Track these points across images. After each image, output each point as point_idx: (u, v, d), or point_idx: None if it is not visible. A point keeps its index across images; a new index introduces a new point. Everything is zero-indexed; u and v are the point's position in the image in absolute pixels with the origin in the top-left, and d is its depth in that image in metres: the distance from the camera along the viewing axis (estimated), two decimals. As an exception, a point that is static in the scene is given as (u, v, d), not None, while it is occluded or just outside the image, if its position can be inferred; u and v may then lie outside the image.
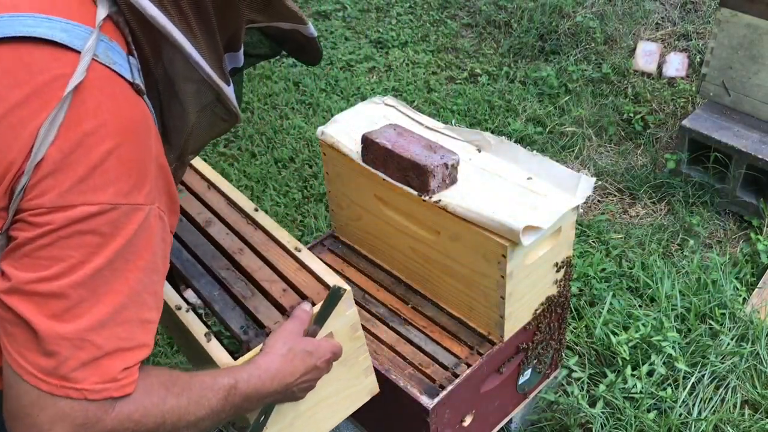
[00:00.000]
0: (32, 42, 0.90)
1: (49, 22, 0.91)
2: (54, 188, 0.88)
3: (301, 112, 3.59)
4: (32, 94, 0.89)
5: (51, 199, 0.88)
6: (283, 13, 1.12)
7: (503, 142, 1.81)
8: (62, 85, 0.88)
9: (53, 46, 0.90)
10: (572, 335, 2.34)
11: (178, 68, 1.03)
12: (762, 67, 2.77)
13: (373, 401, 1.80)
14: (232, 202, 1.59)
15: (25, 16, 0.91)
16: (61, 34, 0.91)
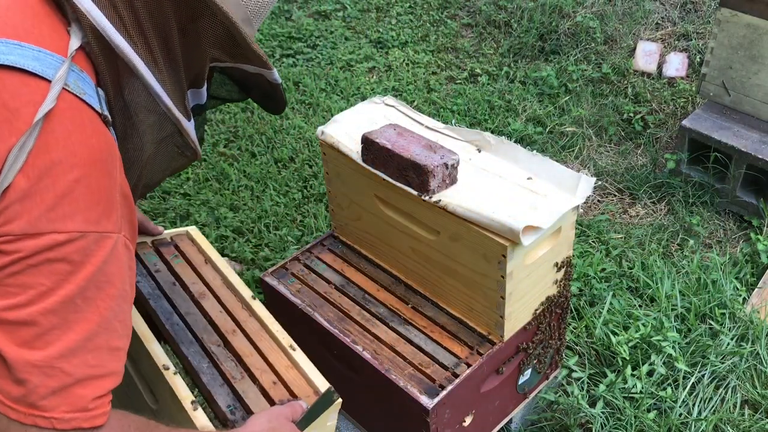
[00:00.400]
0: (3, 69, 0.90)
1: (21, 49, 0.91)
2: (22, 215, 0.88)
3: (301, 112, 3.59)
4: (2, 120, 0.88)
5: (20, 226, 0.87)
6: (248, 55, 1.12)
7: (503, 142, 1.81)
8: (32, 112, 0.88)
9: (24, 73, 0.90)
10: (572, 335, 2.34)
11: (140, 99, 1.04)
12: (762, 67, 2.77)
13: (373, 401, 1.80)
14: (229, 283, 1.59)
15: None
16: (33, 62, 0.91)
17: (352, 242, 2.06)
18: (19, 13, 0.95)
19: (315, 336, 1.87)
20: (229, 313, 1.52)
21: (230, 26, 1.04)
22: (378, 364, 1.70)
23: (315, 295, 1.91)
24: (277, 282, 1.94)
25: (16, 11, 0.95)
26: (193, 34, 1.06)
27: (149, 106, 1.05)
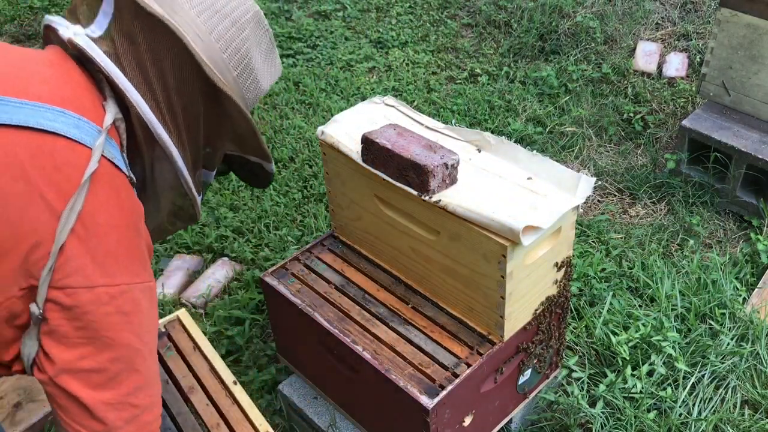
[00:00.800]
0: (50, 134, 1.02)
1: (64, 116, 1.04)
2: (78, 271, 1.02)
3: (301, 112, 3.59)
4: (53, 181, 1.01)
5: (77, 280, 1.01)
6: (257, 150, 1.33)
7: (503, 142, 1.81)
8: (78, 175, 1.02)
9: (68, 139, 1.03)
10: (572, 335, 2.34)
11: (167, 178, 1.20)
12: (762, 67, 2.77)
13: (373, 401, 1.80)
14: (215, 369, 1.74)
15: (45, 108, 1.02)
16: (74, 130, 1.04)
17: (352, 242, 2.06)
18: (63, 84, 1.08)
19: (315, 336, 1.87)
20: (215, 404, 1.69)
21: (248, 128, 1.25)
22: (378, 364, 1.70)
23: (315, 295, 1.91)
24: (277, 282, 1.94)
25: (59, 81, 1.07)
26: (215, 129, 1.23)
27: (174, 184, 1.22)
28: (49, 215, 1.00)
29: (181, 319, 1.89)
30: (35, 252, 1.00)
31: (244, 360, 2.40)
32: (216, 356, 1.76)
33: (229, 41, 1.23)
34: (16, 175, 0.99)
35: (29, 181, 0.99)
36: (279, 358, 2.21)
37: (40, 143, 1.01)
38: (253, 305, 2.55)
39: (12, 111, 1.00)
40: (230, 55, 1.24)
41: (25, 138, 1.00)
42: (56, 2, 4.65)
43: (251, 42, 1.28)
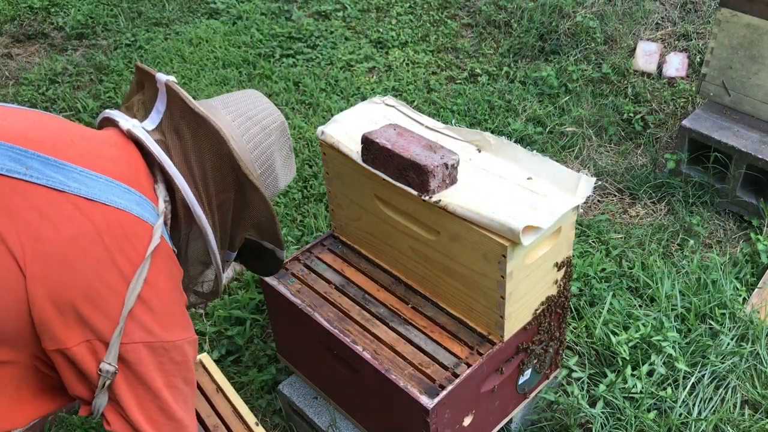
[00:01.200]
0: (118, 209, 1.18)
1: (129, 194, 1.20)
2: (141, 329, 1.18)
3: (301, 112, 3.59)
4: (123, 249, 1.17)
5: (141, 336, 1.18)
6: (273, 237, 1.49)
7: (503, 142, 1.81)
8: (143, 245, 1.19)
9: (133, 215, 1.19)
10: (572, 335, 2.34)
11: (199, 254, 1.39)
12: (762, 67, 2.77)
13: (373, 401, 1.80)
14: (237, 412, 1.80)
15: (115, 184, 1.19)
16: (137, 207, 1.21)
17: (352, 242, 2.06)
18: (126, 165, 1.24)
19: (315, 336, 1.87)
20: None
21: (269, 218, 1.42)
22: (378, 364, 1.70)
23: (315, 295, 1.91)
24: (277, 282, 1.94)
25: (123, 162, 1.24)
26: (241, 216, 1.40)
27: (204, 260, 1.40)
28: (120, 280, 1.16)
29: (203, 362, 1.96)
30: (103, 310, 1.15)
31: (244, 360, 2.40)
32: (238, 398, 1.83)
33: (258, 144, 1.45)
34: (96, 239, 1.14)
35: (105, 247, 1.15)
36: (279, 358, 2.21)
37: (113, 216, 1.17)
38: (253, 305, 2.55)
39: (90, 184, 1.16)
40: (257, 156, 1.46)
41: (100, 209, 1.16)
42: (56, 2, 4.66)
43: (275, 146, 1.49)
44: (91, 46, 4.30)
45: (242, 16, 4.44)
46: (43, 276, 1.10)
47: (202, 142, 1.31)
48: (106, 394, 1.20)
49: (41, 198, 1.11)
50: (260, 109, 1.48)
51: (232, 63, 3.96)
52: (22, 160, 1.12)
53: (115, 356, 1.16)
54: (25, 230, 1.09)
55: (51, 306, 1.11)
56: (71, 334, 1.14)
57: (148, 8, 4.57)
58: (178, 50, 4.08)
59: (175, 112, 1.31)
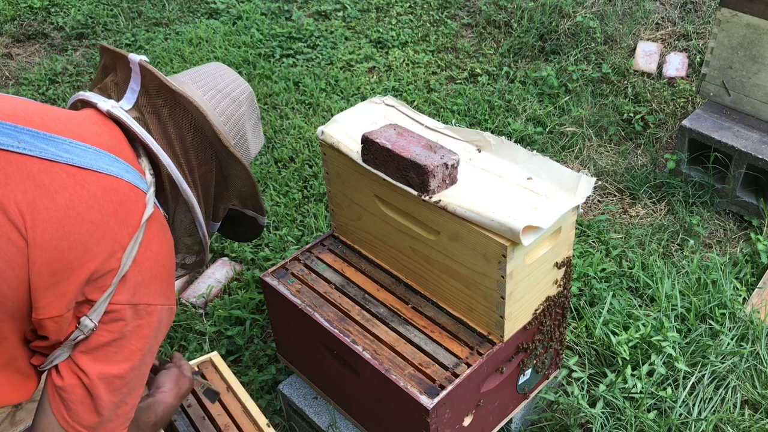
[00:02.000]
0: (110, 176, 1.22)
1: (118, 163, 1.25)
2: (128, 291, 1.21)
3: (301, 112, 3.59)
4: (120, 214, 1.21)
5: (126, 298, 1.21)
6: (256, 206, 1.55)
7: (503, 142, 1.81)
8: (139, 213, 1.24)
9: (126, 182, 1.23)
10: (572, 335, 2.34)
11: (186, 226, 1.42)
12: (762, 67, 2.77)
13: (373, 401, 1.80)
14: (248, 411, 1.81)
15: (104, 153, 1.23)
16: (128, 174, 1.25)
17: (352, 242, 2.06)
18: (110, 138, 1.28)
19: (315, 336, 1.87)
20: None
21: (251, 187, 1.47)
22: (378, 364, 1.70)
23: (315, 295, 1.91)
24: (277, 282, 1.94)
25: (107, 136, 1.28)
26: (223, 186, 1.45)
27: (191, 231, 1.44)
28: (116, 244, 1.19)
29: (213, 361, 1.97)
30: (97, 272, 1.17)
31: (244, 360, 2.40)
32: (249, 399, 1.83)
33: (230, 116, 1.50)
34: (92, 204, 1.17)
35: (101, 212, 1.18)
36: (279, 358, 2.21)
37: (107, 182, 1.21)
38: (253, 305, 2.55)
39: (81, 154, 1.20)
40: (230, 128, 1.50)
41: (94, 176, 1.19)
42: (56, 2, 4.66)
43: (245, 117, 1.54)
44: (91, 46, 4.30)
45: (242, 16, 4.44)
46: (43, 242, 1.12)
47: (180, 118, 1.35)
48: (70, 349, 1.21)
49: (35, 168, 1.14)
50: (228, 81, 1.52)
51: (232, 63, 3.96)
52: (13, 134, 1.15)
53: (99, 315, 1.19)
54: (22, 199, 1.11)
55: (47, 272, 1.13)
56: (63, 303, 1.16)
57: (148, 8, 4.57)
58: (178, 50, 4.08)
59: (151, 91, 1.35)
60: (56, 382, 1.21)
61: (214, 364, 1.96)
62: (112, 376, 1.22)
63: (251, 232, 1.66)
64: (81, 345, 1.21)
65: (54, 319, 1.16)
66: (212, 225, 1.53)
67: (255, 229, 1.64)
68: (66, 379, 1.21)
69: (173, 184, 1.35)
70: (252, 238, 1.70)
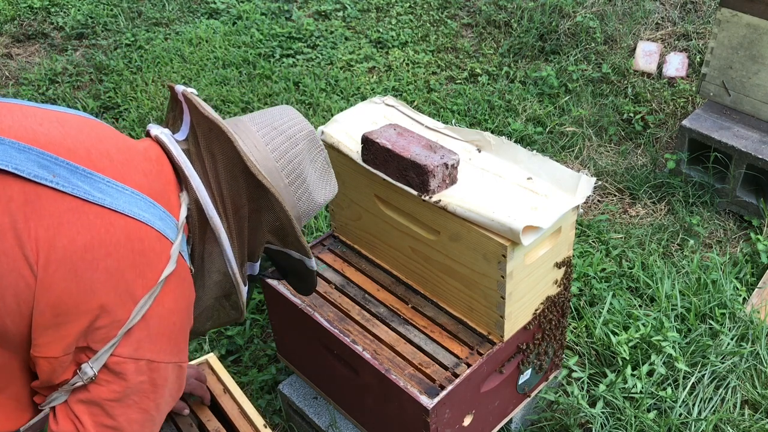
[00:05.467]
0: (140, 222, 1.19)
1: (153, 208, 1.21)
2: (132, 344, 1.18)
3: (301, 112, 3.59)
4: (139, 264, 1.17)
5: (128, 351, 1.17)
6: (294, 243, 1.43)
7: (503, 142, 1.81)
8: (160, 262, 1.20)
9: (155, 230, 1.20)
10: (572, 335, 2.34)
11: (215, 261, 1.36)
12: (762, 67, 2.77)
13: (373, 401, 1.80)
14: (245, 412, 1.77)
15: (140, 197, 1.20)
16: (159, 222, 1.21)
17: (352, 242, 2.06)
18: (156, 179, 1.25)
19: (315, 336, 1.87)
20: None
21: (286, 221, 1.38)
22: (378, 364, 1.70)
23: (315, 295, 1.91)
24: (277, 282, 1.94)
25: (154, 175, 1.25)
26: (257, 221, 1.38)
27: (221, 268, 1.37)
28: (127, 296, 1.16)
29: (210, 363, 1.96)
30: (103, 321, 1.15)
31: (244, 360, 2.40)
32: (246, 400, 1.81)
33: (283, 153, 1.42)
34: (111, 251, 1.14)
35: (120, 260, 1.15)
36: (279, 358, 2.21)
37: (134, 228, 1.18)
38: (253, 305, 2.55)
39: (115, 195, 1.18)
40: (282, 165, 1.42)
41: (122, 221, 1.17)
42: (56, 2, 4.66)
43: (304, 156, 1.46)
44: (91, 46, 4.30)
45: (242, 16, 4.44)
46: (52, 282, 1.10)
47: (213, 145, 1.32)
48: (68, 393, 1.20)
49: (63, 205, 1.12)
50: (286, 119, 1.47)
51: (232, 63, 3.96)
52: (50, 167, 1.13)
53: (100, 364, 1.16)
54: (43, 236, 1.10)
55: (50, 313, 1.12)
56: (62, 345, 1.14)
57: (148, 8, 4.57)
58: (178, 50, 4.08)
59: (194, 120, 1.34)
60: (51, 426, 1.21)
61: (211, 366, 1.95)
62: (106, 427, 1.20)
63: (309, 283, 1.57)
64: (80, 393, 1.19)
65: (49, 360, 1.14)
66: (251, 266, 1.47)
67: (309, 277, 1.54)
68: (61, 424, 1.20)
69: (202, 214, 1.31)
70: (309, 289, 1.61)
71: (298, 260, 1.48)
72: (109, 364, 1.17)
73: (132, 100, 3.70)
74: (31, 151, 1.13)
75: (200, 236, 1.33)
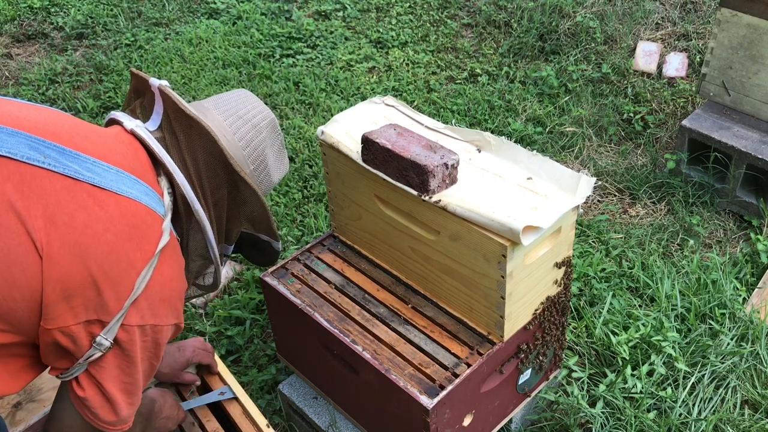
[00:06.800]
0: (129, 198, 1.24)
1: (139, 185, 1.27)
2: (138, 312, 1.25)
3: (301, 112, 3.59)
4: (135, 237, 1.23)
5: (135, 319, 1.25)
6: (268, 230, 1.55)
7: (503, 142, 1.81)
8: (155, 238, 1.27)
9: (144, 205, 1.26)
10: (572, 335, 2.34)
11: (198, 247, 1.45)
12: (762, 67, 2.77)
13: (373, 401, 1.80)
14: (248, 413, 1.79)
15: (125, 175, 1.26)
16: (146, 197, 1.27)
17: (352, 242, 2.06)
18: (134, 160, 1.31)
19: (315, 336, 1.87)
20: None
21: (262, 211, 1.48)
22: (378, 364, 1.70)
23: (315, 295, 1.91)
24: (277, 282, 1.94)
25: (132, 157, 1.31)
26: (235, 210, 1.47)
27: (203, 252, 1.46)
28: (129, 267, 1.22)
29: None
30: (109, 294, 1.20)
31: (244, 360, 2.40)
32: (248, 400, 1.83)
33: (249, 141, 1.51)
34: (108, 226, 1.20)
35: (117, 234, 1.20)
36: (279, 358, 2.21)
37: (125, 205, 1.23)
38: (253, 305, 2.55)
39: (103, 174, 1.23)
40: (249, 153, 1.51)
41: (113, 198, 1.22)
42: (56, 2, 4.66)
43: (266, 143, 1.55)
44: (91, 46, 4.30)
45: (242, 16, 4.44)
46: (59, 258, 1.15)
47: (194, 142, 1.38)
48: (87, 364, 1.26)
49: (57, 184, 1.17)
50: (250, 107, 1.54)
51: (232, 63, 3.96)
52: (40, 149, 1.18)
53: (113, 334, 1.23)
54: (42, 214, 1.14)
55: (60, 288, 1.16)
56: (74, 315, 1.19)
57: (148, 8, 4.57)
58: (178, 50, 4.08)
59: (170, 114, 1.39)
60: (78, 392, 1.29)
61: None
62: (124, 383, 1.31)
63: (269, 257, 1.68)
64: (99, 362, 1.26)
65: (62, 330, 1.19)
66: (226, 248, 1.56)
67: (272, 254, 1.66)
68: (87, 390, 1.29)
69: (187, 205, 1.38)
70: (269, 263, 1.72)
71: (265, 242, 1.60)
72: (119, 333, 1.24)
73: (132, 100, 3.69)
74: (19, 134, 1.17)
75: (183, 223, 1.41)
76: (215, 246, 1.45)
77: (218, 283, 1.58)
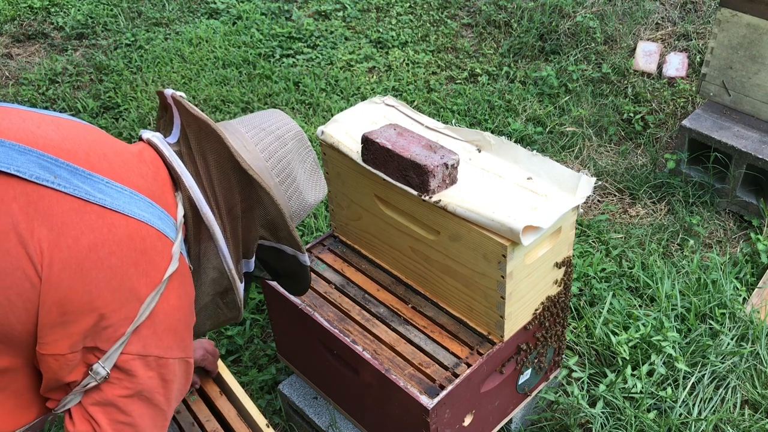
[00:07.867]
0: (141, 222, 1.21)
1: (152, 208, 1.24)
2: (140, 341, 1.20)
3: (301, 112, 3.59)
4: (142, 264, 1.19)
5: (136, 348, 1.20)
6: (287, 237, 1.44)
7: (503, 142, 1.81)
8: (163, 261, 1.23)
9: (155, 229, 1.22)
10: (572, 335, 2.34)
11: (211, 258, 1.38)
12: (762, 67, 2.77)
13: (373, 401, 1.80)
14: (246, 413, 1.75)
15: (140, 197, 1.22)
16: (158, 221, 1.23)
17: (352, 242, 2.06)
18: (153, 180, 1.28)
19: (315, 336, 1.87)
20: None
21: (277, 214, 1.40)
22: (378, 364, 1.70)
23: (315, 295, 1.91)
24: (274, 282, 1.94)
25: (151, 177, 1.28)
26: (250, 217, 1.40)
27: (217, 265, 1.38)
28: (131, 294, 1.18)
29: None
30: (109, 320, 1.16)
31: (244, 360, 2.40)
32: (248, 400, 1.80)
33: (272, 152, 1.46)
34: (114, 250, 1.16)
35: (123, 258, 1.17)
36: (279, 358, 2.21)
37: (135, 228, 1.20)
38: (253, 305, 2.55)
39: (115, 195, 1.20)
40: (272, 164, 1.45)
41: (123, 220, 1.19)
42: (56, 2, 4.66)
43: (293, 156, 1.49)
44: (91, 46, 4.30)
45: (242, 16, 4.44)
46: (58, 282, 1.12)
47: (204, 145, 1.35)
48: (81, 394, 1.21)
49: (65, 206, 1.14)
50: (274, 120, 1.50)
51: (232, 63, 3.96)
52: (51, 168, 1.15)
53: (111, 363, 1.19)
54: (46, 237, 1.11)
55: (57, 312, 1.13)
56: (69, 342, 1.15)
57: (148, 8, 4.57)
58: (178, 50, 4.08)
59: (183, 123, 1.37)
60: (68, 427, 1.23)
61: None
62: (119, 423, 1.23)
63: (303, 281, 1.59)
64: (93, 393, 1.21)
65: (56, 357, 1.16)
66: (246, 263, 1.47)
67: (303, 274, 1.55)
68: (78, 424, 1.22)
69: (195, 209, 1.33)
70: (303, 290, 1.63)
71: (291, 256, 1.49)
72: (119, 363, 1.19)
73: (132, 100, 3.70)
74: (31, 152, 1.14)
75: (196, 235, 1.34)
76: (228, 255, 1.37)
77: (240, 309, 1.47)
